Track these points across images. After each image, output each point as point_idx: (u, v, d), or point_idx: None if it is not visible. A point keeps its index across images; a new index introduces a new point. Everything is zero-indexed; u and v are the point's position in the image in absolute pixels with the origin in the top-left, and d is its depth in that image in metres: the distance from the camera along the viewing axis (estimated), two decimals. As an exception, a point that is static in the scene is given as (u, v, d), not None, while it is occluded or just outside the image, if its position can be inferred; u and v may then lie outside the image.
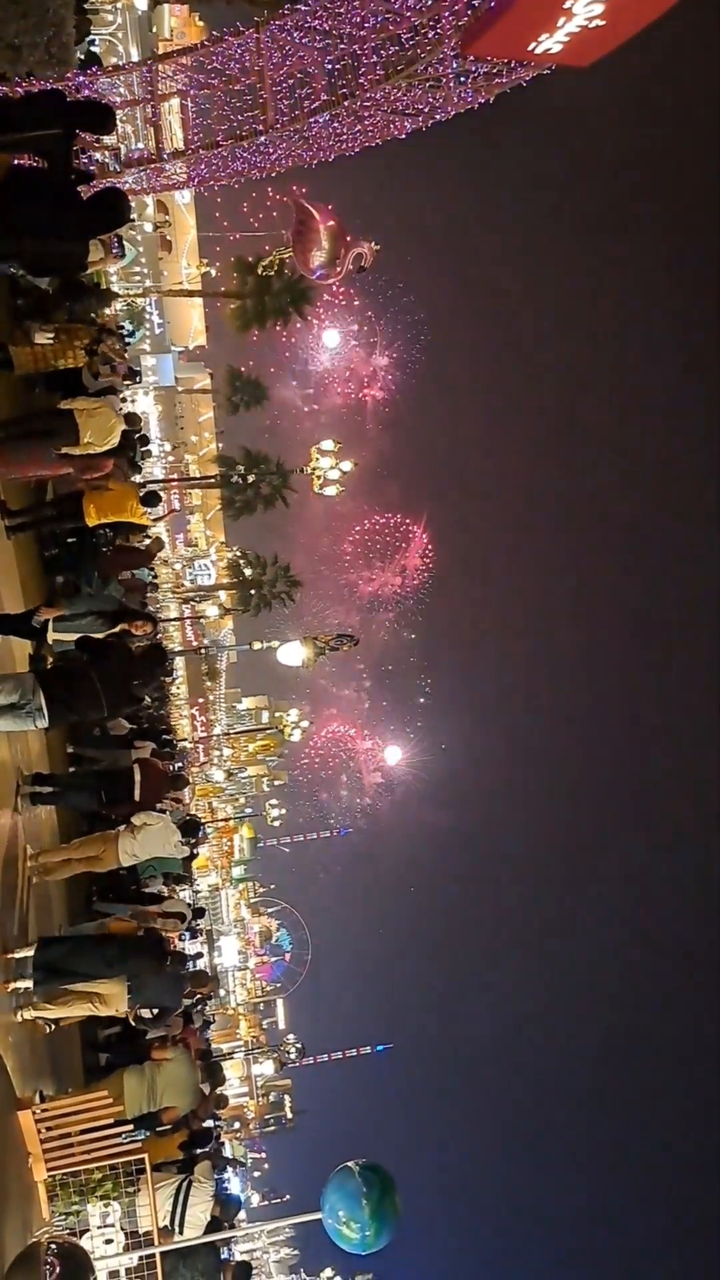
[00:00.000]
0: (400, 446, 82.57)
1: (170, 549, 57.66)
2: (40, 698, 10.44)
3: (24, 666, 12.47)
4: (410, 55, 15.87)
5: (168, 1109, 12.67)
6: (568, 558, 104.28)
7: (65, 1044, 13.28)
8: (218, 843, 62.87)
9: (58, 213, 9.76)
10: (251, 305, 51.46)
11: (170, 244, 56.85)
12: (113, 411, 13.27)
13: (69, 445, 12.43)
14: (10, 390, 14.33)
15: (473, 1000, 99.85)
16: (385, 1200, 9.91)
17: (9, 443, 12.50)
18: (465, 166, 75.21)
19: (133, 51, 44.01)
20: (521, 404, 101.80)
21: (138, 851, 13.01)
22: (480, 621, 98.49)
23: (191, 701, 61.28)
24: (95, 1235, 10.33)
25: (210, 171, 18.78)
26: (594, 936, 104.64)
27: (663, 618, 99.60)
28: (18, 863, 11.71)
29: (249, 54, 16.81)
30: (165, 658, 13.68)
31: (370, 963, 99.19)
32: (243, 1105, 63.41)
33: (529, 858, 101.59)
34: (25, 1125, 10.17)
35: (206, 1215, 11.48)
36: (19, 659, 12.63)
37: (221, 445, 65.02)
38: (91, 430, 12.56)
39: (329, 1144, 62.06)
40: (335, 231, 26.24)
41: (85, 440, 12.52)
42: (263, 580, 55.76)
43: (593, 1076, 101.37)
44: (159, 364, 59.92)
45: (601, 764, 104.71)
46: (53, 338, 14.30)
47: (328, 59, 16.49)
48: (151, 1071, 12.97)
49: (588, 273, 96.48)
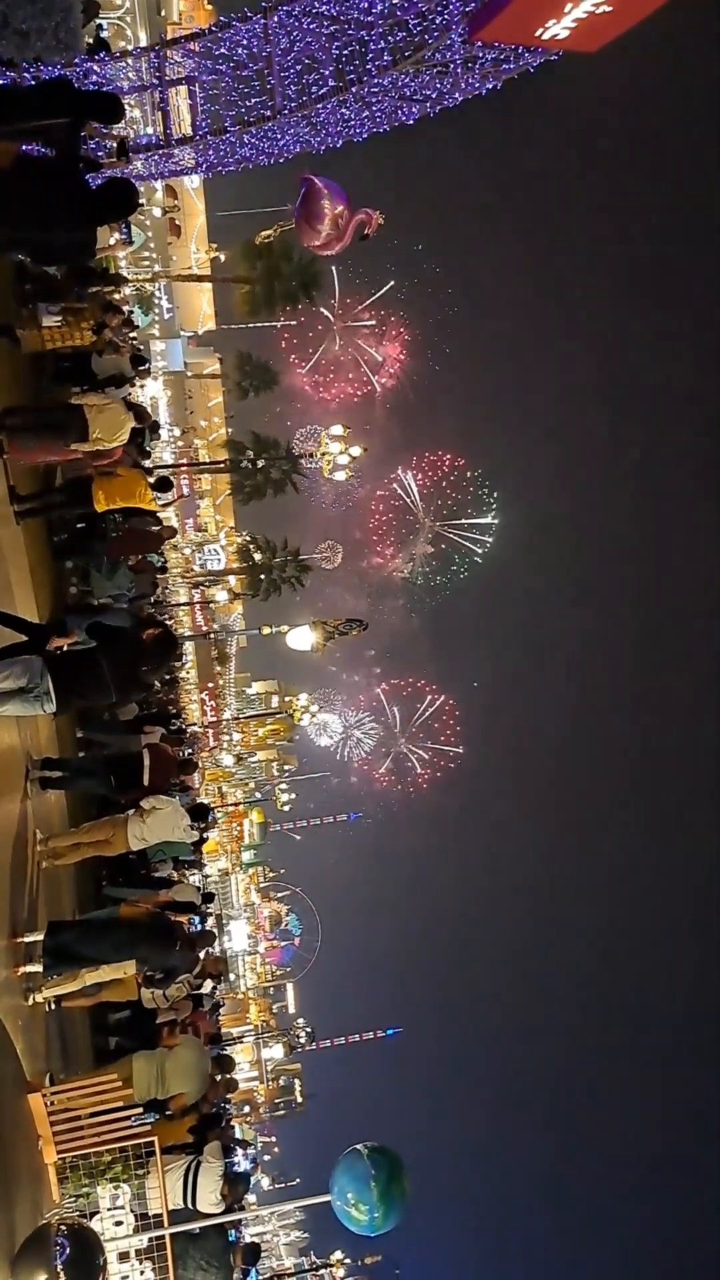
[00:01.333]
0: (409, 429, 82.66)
1: (180, 534, 57.69)
2: (48, 682, 10.46)
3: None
4: (418, 42, 15.83)
5: (176, 1096, 12.72)
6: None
7: (75, 1027, 13.35)
8: (227, 827, 63.00)
9: (65, 201, 9.76)
10: (261, 290, 51.45)
11: (179, 229, 56.74)
12: (122, 408, 13.32)
13: (78, 442, 12.48)
14: (18, 375, 14.35)
15: (483, 984, 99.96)
16: (393, 1183, 10.01)
17: (19, 432, 12.53)
18: (473, 153, 75.13)
19: (141, 36, 43.96)
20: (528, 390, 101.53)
21: (147, 836, 13.06)
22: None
23: (201, 686, 61.30)
24: (105, 1217, 10.39)
25: (218, 157, 18.75)
26: (607, 915, 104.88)
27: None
28: (27, 847, 11.77)
29: (257, 40, 16.79)
30: (176, 645, 13.70)
31: (380, 947, 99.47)
32: (253, 1089, 63.57)
33: (540, 839, 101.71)
34: (35, 1108, 10.22)
35: (217, 1194, 11.56)
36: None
37: (231, 430, 65.08)
38: (101, 427, 12.62)
39: (338, 1128, 62.24)
40: (341, 215, 26.24)
41: (95, 436, 12.57)
42: (272, 565, 55.77)
43: (606, 1059, 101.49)
44: (168, 349, 59.79)
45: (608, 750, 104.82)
46: (59, 320, 14.28)
47: (335, 45, 16.46)
48: (161, 1056, 13.01)
49: (595, 258, 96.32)
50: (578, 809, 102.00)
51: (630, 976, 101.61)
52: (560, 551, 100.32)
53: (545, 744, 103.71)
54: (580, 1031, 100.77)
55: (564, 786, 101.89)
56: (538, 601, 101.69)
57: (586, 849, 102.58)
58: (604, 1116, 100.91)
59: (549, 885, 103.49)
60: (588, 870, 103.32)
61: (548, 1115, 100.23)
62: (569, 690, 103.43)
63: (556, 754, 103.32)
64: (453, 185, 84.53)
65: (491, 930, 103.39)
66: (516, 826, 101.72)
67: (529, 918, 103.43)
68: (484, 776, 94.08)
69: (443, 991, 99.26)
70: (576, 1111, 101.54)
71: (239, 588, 57.60)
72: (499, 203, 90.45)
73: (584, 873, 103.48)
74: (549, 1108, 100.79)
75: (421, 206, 77.30)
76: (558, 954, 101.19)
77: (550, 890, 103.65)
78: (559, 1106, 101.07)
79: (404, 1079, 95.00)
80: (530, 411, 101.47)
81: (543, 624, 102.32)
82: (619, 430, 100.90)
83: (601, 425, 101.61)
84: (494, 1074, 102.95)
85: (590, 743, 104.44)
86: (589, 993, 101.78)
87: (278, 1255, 63.92)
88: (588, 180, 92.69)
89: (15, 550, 13.14)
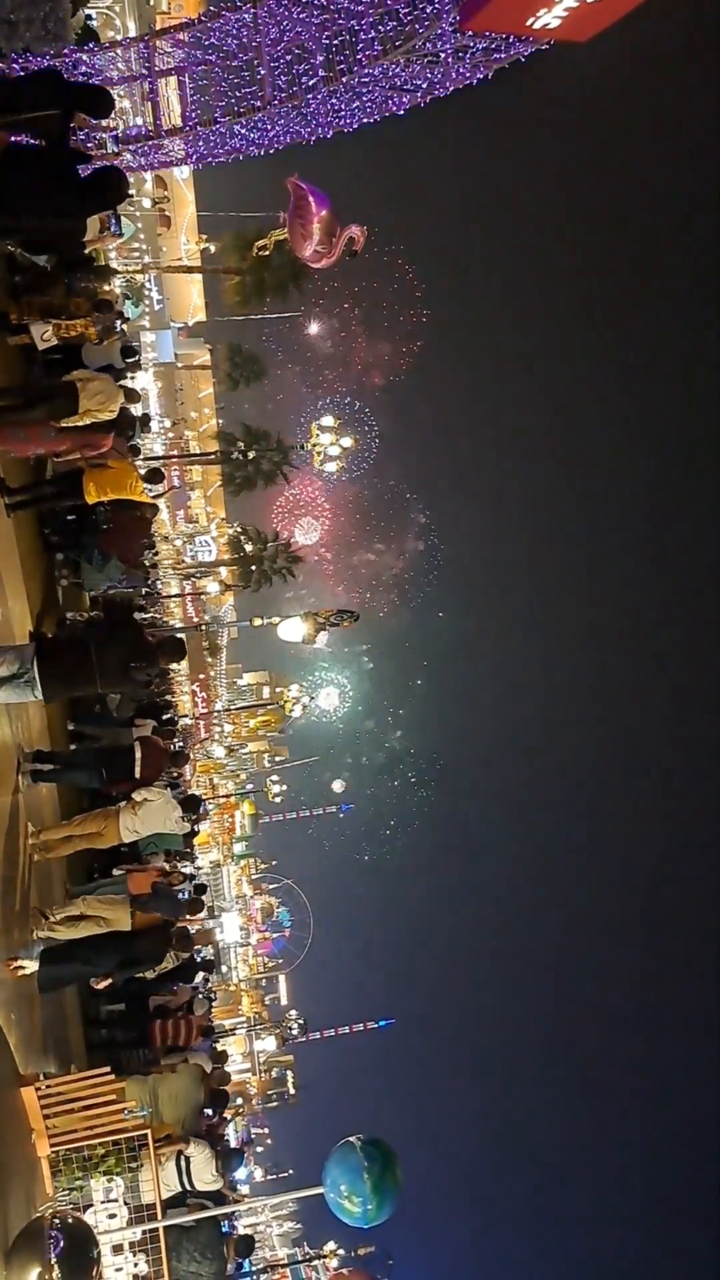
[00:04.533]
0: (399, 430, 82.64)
1: (171, 525, 57.58)
2: (35, 669, 10.49)
3: (25, 639, 12.51)
4: (408, 31, 15.81)
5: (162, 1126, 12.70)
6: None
7: (67, 1021, 13.35)
8: (219, 819, 63.00)
9: (55, 190, 9.75)
10: (250, 281, 51.37)
11: (169, 220, 56.66)
12: (112, 381, 13.28)
13: (68, 415, 12.42)
14: (7, 362, 14.29)
15: (476, 974, 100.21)
16: (387, 1174, 10.01)
17: (8, 415, 12.49)
18: (464, 143, 74.96)
19: (130, 26, 43.77)
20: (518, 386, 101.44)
21: (139, 828, 13.08)
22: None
23: (192, 678, 61.26)
24: (99, 1210, 10.41)
25: (208, 148, 18.70)
26: (600, 905, 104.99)
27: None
28: (19, 840, 11.77)
29: (246, 30, 16.73)
30: (179, 653, 13.77)
31: (373, 937, 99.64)
32: (245, 1081, 63.60)
33: (535, 829, 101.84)
34: (28, 1101, 10.24)
35: (212, 1172, 11.66)
36: (19, 632, 12.64)
37: (221, 421, 64.97)
38: (90, 397, 12.57)
39: (331, 1119, 62.09)
40: (328, 222, 26.28)
41: (84, 408, 12.52)
42: (263, 556, 55.74)
43: (601, 1050, 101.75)
44: (158, 340, 59.74)
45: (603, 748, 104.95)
46: (51, 329, 14.18)
47: (325, 35, 16.41)
48: (155, 1082, 13.05)
49: (586, 252, 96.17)
50: (575, 797, 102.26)
51: (628, 966, 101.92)
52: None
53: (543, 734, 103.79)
54: (575, 1022, 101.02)
55: (562, 776, 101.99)
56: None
57: (585, 837, 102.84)
58: (598, 1108, 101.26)
59: (544, 873, 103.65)
60: (585, 857, 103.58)
61: (541, 1107, 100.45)
62: (563, 680, 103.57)
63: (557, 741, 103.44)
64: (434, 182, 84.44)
65: (485, 920, 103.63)
66: (509, 815, 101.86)
67: (523, 907, 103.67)
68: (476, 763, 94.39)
69: (436, 982, 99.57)
70: (570, 1103, 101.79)
71: (230, 579, 57.53)
72: (482, 201, 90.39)
73: (581, 859, 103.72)
74: (543, 1099, 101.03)
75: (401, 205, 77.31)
76: (553, 944, 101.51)
77: (546, 879, 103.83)
78: (553, 1098, 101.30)
79: (397, 1070, 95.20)
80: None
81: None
82: (621, 417, 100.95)
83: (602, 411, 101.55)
84: (487, 1065, 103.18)
85: (587, 729, 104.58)
86: (585, 983, 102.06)
87: (271, 1246, 64.00)
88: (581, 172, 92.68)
89: (6, 542, 13.11)
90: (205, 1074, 14.04)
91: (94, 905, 12.26)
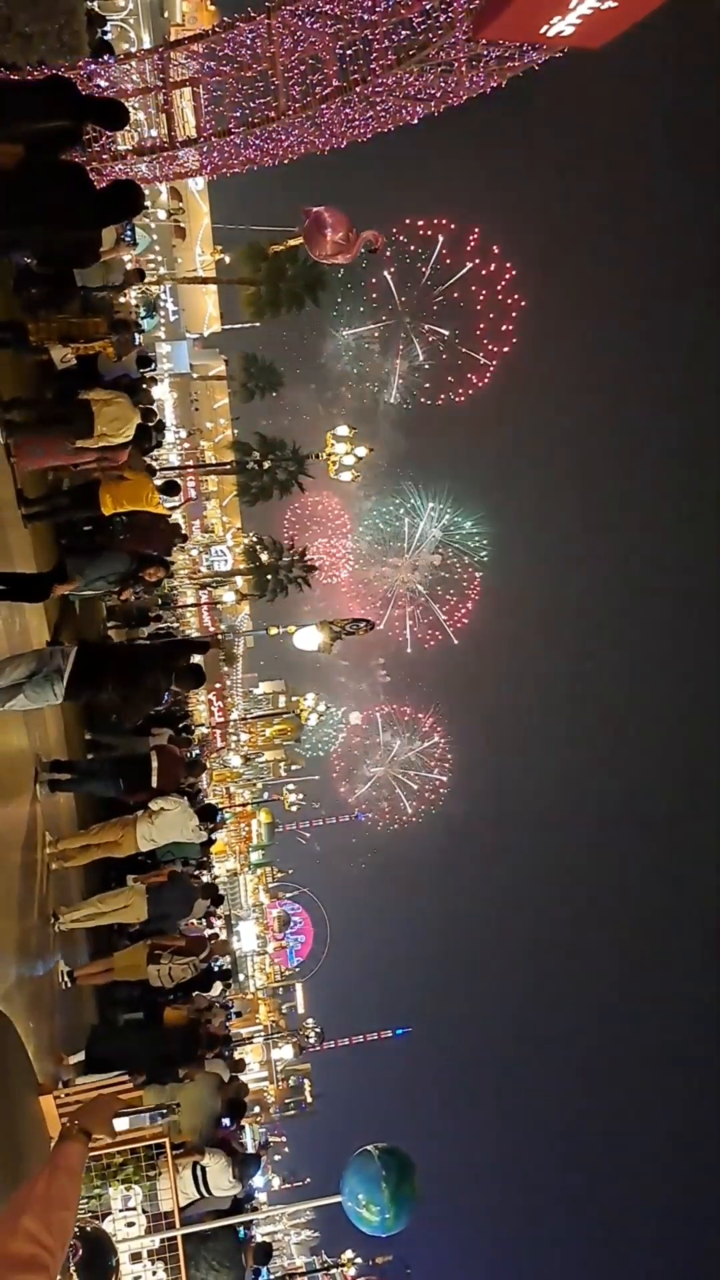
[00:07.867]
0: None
1: (187, 535, 57.71)
2: (59, 659, 10.50)
3: (40, 644, 12.55)
4: (422, 40, 15.78)
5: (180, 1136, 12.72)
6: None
7: (85, 1029, 13.37)
8: (235, 828, 63.10)
9: (70, 201, 9.77)
10: (266, 292, 51.53)
11: (184, 231, 56.86)
12: (129, 403, 13.31)
13: (83, 437, 12.47)
14: (23, 373, 14.35)
15: (492, 983, 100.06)
16: (404, 1183, 10.00)
17: (26, 433, 12.54)
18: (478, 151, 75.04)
19: (145, 38, 43.95)
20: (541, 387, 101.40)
21: (156, 836, 13.12)
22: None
23: (208, 687, 61.41)
24: (117, 1218, 10.42)
25: (223, 159, 18.72)
26: (613, 916, 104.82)
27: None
28: (37, 849, 11.80)
29: (260, 40, 16.75)
30: (199, 680, 13.78)
31: (390, 946, 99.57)
32: (263, 1090, 63.64)
33: (550, 841, 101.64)
34: (47, 1110, 10.25)
35: (228, 1178, 11.68)
36: (36, 643, 12.69)
37: (237, 431, 65.15)
38: (106, 421, 12.60)
39: (348, 1128, 62.14)
40: (346, 225, 26.46)
41: (100, 431, 12.56)
42: (279, 565, 55.85)
43: (616, 1058, 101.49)
44: (174, 351, 59.92)
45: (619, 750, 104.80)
46: (71, 352, 14.21)
47: (339, 44, 16.41)
48: (173, 1089, 13.05)
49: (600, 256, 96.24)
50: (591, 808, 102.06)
51: (645, 975, 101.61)
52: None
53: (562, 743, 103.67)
54: (592, 1032, 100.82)
55: (578, 787, 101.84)
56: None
57: (600, 849, 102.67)
58: (616, 1118, 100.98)
59: (561, 883, 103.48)
60: (600, 868, 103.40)
61: (559, 1116, 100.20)
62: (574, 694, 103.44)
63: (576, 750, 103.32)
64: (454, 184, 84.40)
65: (502, 929, 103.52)
66: (525, 823, 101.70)
67: (541, 916, 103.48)
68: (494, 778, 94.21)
69: (453, 991, 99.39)
70: (588, 1112, 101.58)
71: (246, 588, 57.64)
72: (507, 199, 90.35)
73: (596, 871, 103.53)
74: (560, 1108, 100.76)
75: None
76: (570, 953, 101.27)
77: (563, 887, 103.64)
78: (570, 1108, 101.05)
79: (414, 1079, 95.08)
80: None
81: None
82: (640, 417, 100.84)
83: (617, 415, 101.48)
84: (504, 1074, 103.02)
85: (604, 744, 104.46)
86: (601, 992, 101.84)
87: (289, 1255, 64.00)
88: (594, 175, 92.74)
89: (24, 553, 13.17)
90: (222, 1082, 14.04)
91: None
